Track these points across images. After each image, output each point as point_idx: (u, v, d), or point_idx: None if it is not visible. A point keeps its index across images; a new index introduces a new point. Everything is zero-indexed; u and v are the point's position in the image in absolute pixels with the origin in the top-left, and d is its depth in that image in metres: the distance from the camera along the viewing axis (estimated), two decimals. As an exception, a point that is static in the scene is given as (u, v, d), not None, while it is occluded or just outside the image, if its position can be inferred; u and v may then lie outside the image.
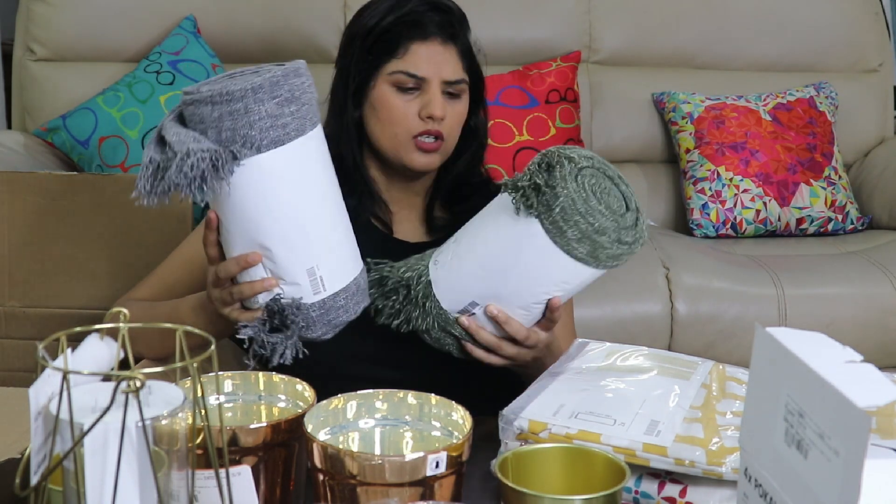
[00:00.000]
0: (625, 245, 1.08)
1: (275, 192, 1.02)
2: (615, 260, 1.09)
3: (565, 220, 1.05)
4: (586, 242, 1.06)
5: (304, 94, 1.04)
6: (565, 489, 0.86)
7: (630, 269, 2.09)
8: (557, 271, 1.09)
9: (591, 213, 1.05)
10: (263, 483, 0.88)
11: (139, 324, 0.69)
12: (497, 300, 1.13)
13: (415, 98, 1.31)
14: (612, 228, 1.06)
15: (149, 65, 2.25)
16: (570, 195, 1.05)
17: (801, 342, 0.63)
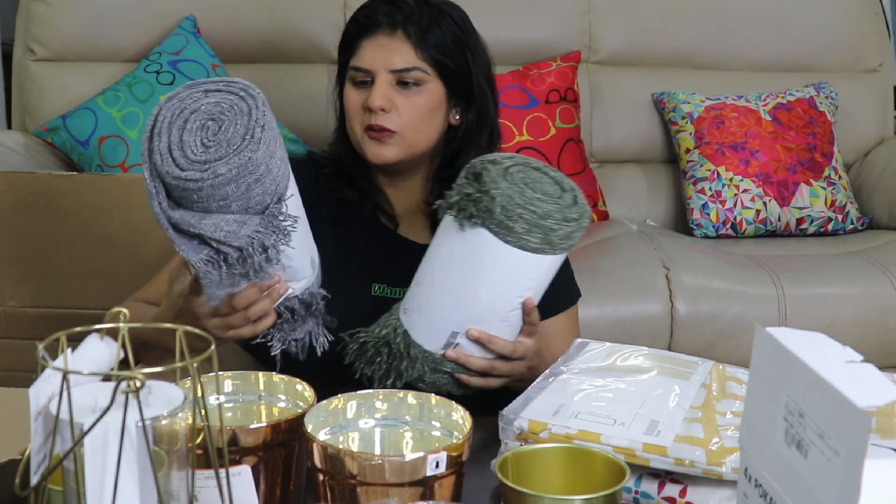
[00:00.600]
0: (573, 222, 1.09)
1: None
2: (568, 239, 1.10)
3: (509, 216, 1.06)
4: (536, 231, 1.07)
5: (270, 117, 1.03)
6: (565, 489, 0.86)
7: (630, 269, 2.10)
8: (520, 270, 1.10)
9: (531, 202, 1.07)
10: (263, 483, 0.88)
11: (139, 324, 0.69)
12: (475, 322, 1.13)
13: (367, 92, 1.33)
14: (556, 209, 1.08)
15: (149, 65, 2.25)
16: (505, 192, 1.07)
17: (801, 342, 0.63)
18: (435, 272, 1.13)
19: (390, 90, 1.32)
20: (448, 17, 1.37)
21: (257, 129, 0.98)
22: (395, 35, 1.32)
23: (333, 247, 1.37)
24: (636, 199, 2.56)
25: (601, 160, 2.59)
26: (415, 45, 1.33)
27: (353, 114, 1.34)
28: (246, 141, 0.98)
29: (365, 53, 1.33)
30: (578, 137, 2.44)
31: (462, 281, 1.11)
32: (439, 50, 1.34)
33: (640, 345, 1.19)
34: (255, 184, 0.99)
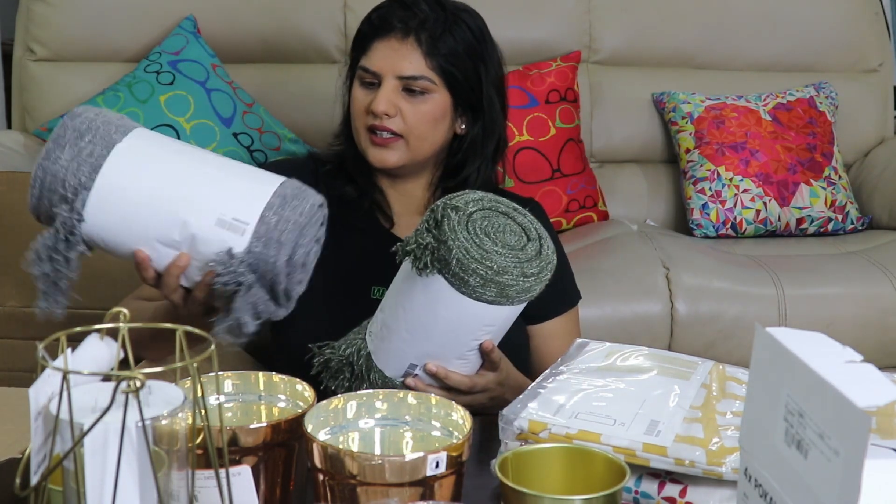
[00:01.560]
0: (530, 278, 1.07)
1: (129, 200, 0.99)
2: (527, 292, 1.08)
3: (464, 269, 1.05)
4: (491, 285, 1.05)
5: (93, 125, 1.00)
6: (565, 489, 0.86)
7: (630, 269, 2.10)
8: (476, 318, 1.09)
9: (488, 256, 1.05)
10: (263, 483, 0.88)
11: (139, 324, 0.69)
12: (432, 357, 1.13)
13: (374, 93, 1.33)
14: (513, 265, 1.06)
15: (149, 65, 2.25)
16: (462, 245, 1.05)
17: (801, 342, 0.63)
18: (396, 305, 1.12)
19: (396, 95, 1.31)
20: (463, 25, 1.36)
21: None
22: (407, 41, 1.32)
23: (333, 250, 1.37)
24: (636, 199, 2.56)
25: (601, 160, 2.59)
26: (425, 53, 1.32)
27: (358, 114, 1.35)
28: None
29: (375, 55, 1.33)
30: (578, 137, 2.44)
31: (419, 320, 1.11)
32: (449, 60, 1.33)
33: (640, 345, 1.19)
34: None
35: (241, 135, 2.19)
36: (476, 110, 1.38)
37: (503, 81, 1.42)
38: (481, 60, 1.37)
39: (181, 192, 0.99)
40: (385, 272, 1.35)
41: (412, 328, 1.11)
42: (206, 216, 0.99)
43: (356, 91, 1.36)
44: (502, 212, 1.12)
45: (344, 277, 1.35)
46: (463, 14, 1.38)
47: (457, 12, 1.37)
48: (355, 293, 1.34)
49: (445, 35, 1.34)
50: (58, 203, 1.00)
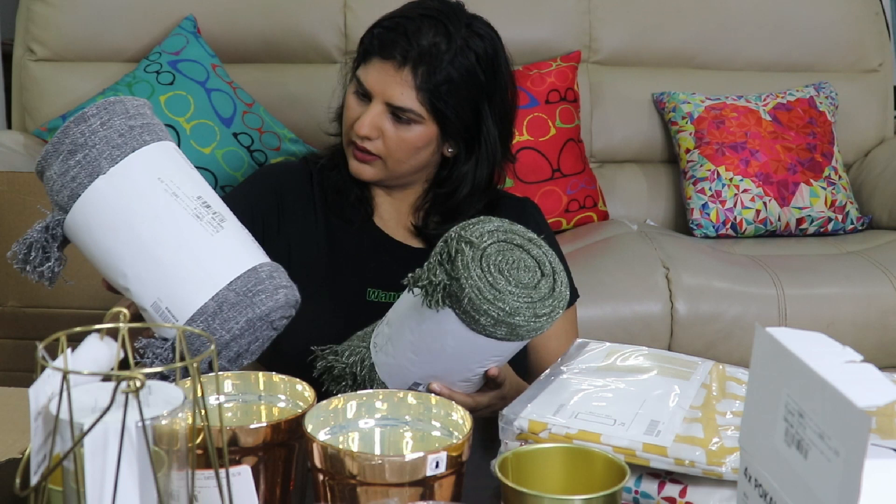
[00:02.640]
0: (542, 318, 1.06)
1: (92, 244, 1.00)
2: (538, 330, 1.07)
3: (475, 309, 1.04)
4: (502, 326, 1.05)
5: (89, 140, 0.98)
6: (565, 489, 0.86)
7: (630, 269, 2.10)
8: (484, 351, 1.09)
9: (501, 297, 1.04)
10: (263, 483, 0.88)
11: (139, 324, 0.69)
12: (437, 378, 1.13)
13: (363, 108, 1.32)
14: (526, 306, 1.05)
15: (149, 65, 2.25)
16: (475, 285, 1.04)
17: (801, 342, 0.63)
18: (403, 326, 1.12)
19: (381, 118, 1.31)
20: (471, 55, 1.32)
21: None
22: (402, 70, 1.30)
23: (328, 253, 1.38)
24: (636, 199, 2.56)
25: (601, 160, 2.59)
26: (418, 87, 1.30)
27: (348, 122, 1.35)
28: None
29: (371, 73, 1.32)
30: (578, 137, 2.44)
31: (425, 345, 1.10)
32: (442, 97, 1.31)
33: (640, 345, 1.19)
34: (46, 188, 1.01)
35: (241, 135, 2.19)
36: (470, 143, 1.36)
37: (511, 110, 1.39)
38: (485, 95, 1.34)
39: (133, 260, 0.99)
40: (382, 275, 1.35)
41: (418, 351, 1.11)
42: (145, 294, 0.99)
43: (350, 98, 1.35)
44: (517, 244, 1.10)
45: (341, 282, 1.35)
46: (474, 41, 1.33)
47: (468, 39, 1.32)
48: (352, 297, 1.34)
49: (446, 69, 1.30)
50: (52, 199, 1.02)
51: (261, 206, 1.37)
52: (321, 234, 1.38)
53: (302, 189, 1.40)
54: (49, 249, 1.02)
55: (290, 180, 1.41)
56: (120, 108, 1.01)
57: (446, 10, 1.34)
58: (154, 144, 1.01)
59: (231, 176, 2.13)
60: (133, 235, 0.98)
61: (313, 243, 1.38)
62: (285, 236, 1.37)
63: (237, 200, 1.37)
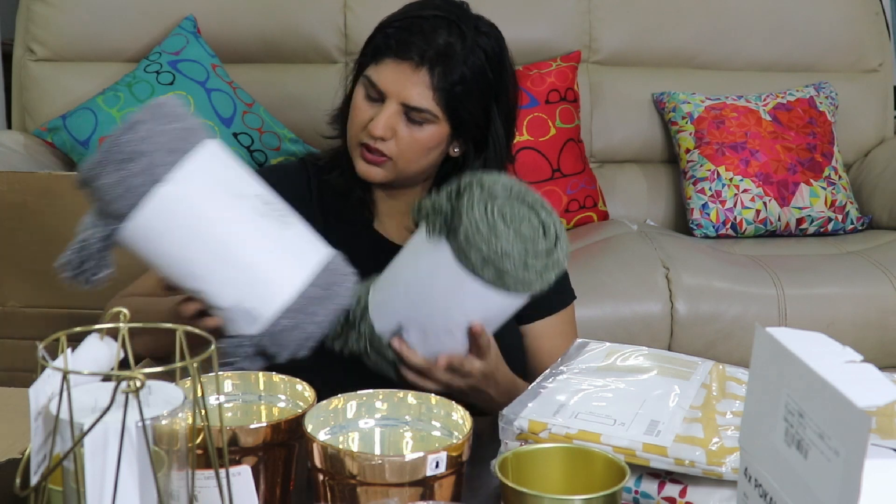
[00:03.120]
0: (531, 271, 1.06)
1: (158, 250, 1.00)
2: (525, 286, 1.07)
3: (469, 243, 1.04)
4: (491, 267, 1.05)
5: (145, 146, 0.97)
6: (565, 489, 0.86)
7: (630, 269, 2.10)
8: (470, 297, 1.09)
9: (495, 237, 1.04)
10: (263, 483, 0.88)
11: (139, 324, 0.69)
12: (421, 323, 1.12)
13: (375, 109, 1.30)
14: (518, 253, 1.05)
15: (149, 65, 2.26)
16: (474, 219, 1.05)
17: (801, 342, 0.63)
18: (402, 263, 1.13)
19: (395, 119, 1.29)
20: (481, 54, 1.31)
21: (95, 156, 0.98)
22: (420, 70, 1.28)
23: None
24: (636, 199, 2.56)
25: (601, 160, 2.59)
26: (434, 87, 1.28)
27: (357, 123, 1.32)
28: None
29: (385, 73, 1.29)
30: (578, 137, 2.44)
31: (418, 282, 1.11)
32: (458, 97, 1.30)
33: (640, 345, 1.19)
34: (91, 197, 0.99)
35: (241, 135, 2.19)
36: (478, 143, 1.36)
37: (515, 108, 1.38)
38: (494, 95, 1.33)
39: (207, 264, 1.00)
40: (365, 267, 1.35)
41: (409, 288, 1.11)
42: (223, 295, 1.01)
43: (358, 99, 1.32)
44: (528, 203, 1.11)
45: None
46: (482, 39, 1.32)
47: (477, 38, 1.31)
48: None
49: (460, 68, 1.29)
50: (103, 211, 0.99)
51: None
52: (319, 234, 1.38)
53: (300, 190, 1.40)
54: (105, 258, 1.00)
55: (288, 182, 1.41)
56: (166, 112, 0.99)
57: (456, 9, 1.34)
58: (207, 145, 1.01)
59: (231, 176, 2.13)
60: (204, 239, 0.99)
61: None
62: None
63: None
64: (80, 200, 1.52)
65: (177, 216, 0.98)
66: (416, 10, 1.34)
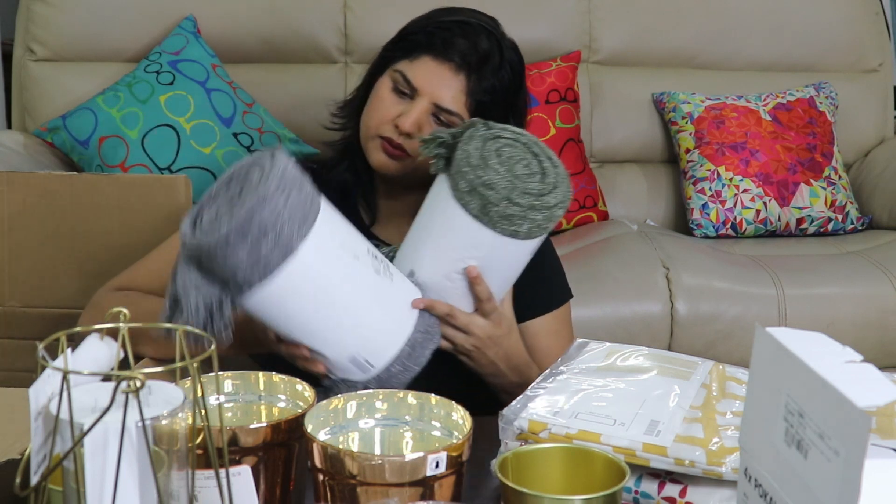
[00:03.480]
0: (515, 206, 1.07)
1: (280, 314, 1.02)
2: (508, 222, 1.08)
3: (459, 172, 1.08)
4: (476, 196, 1.07)
5: (278, 219, 0.97)
6: (565, 489, 0.86)
7: (630, 269, 2.10)
8: (461, 232, 1.10)
9: (483, 167, 1.07)
10: (263, 483, 0.88)
11: (139, 324, 0.69)
12: (426, 267, 1.14)
13: (403, 104, 1.30)
14: (503, 186, 1.07)
15: (149, 65, 2.26)
16: (467, 150, 1.08)
17: (801, 342, 0.63)
18: (418, 212, 1.17)
19: (425, 117, 1.29)
20: (508, 68, 1.32)
21: (223, 228, 0.96)
22: (459, 75, 1.28)
23: None
24: (636, 199, 2.56)
25: (601, 160, 2.59)
26: (468, 92, 1.29)
27: (380, 114, 1.31)
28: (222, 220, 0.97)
29: (422, 71, 1.29)
30: (578, 137, 2.44)
31: (422, 219, 1.15)
32: (485, 106, 1.30)
33: (640, 345, 1.19)
34: (215, 265, 0.97)
35: (241, 135, 2.19)
36: None
37: (525, 120, 1.39)
38: (511, 109, 1.34)
39: (332, 326, 1.05)
40: None
41: (419, 231, 1.15)
42: (342, 352, 1.06)
43: (385, 92, 1.31)
44: (533, 152, 1.12)
45: None
46: (509, 53, 1.33)
47: (504, 51, 1.32)
48: None
49: (493, 78, 1.30)
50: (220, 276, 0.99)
51: None
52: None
53: None
54: (228, 320, 1.01)
55: None
56: (290, 179, 0.99)
57: (492, 21, 1.35)
58: (324, 208, 1.03)
59: (231, 176, 2.13)
60: (327, 304, 1.03)
61: None
62: None
63: None
64: (78, 200, 1.53)
65: (305, 284, 1.00)
66: (453, 15, 1.34)
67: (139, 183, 1.54)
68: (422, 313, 1.11)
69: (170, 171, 2.10)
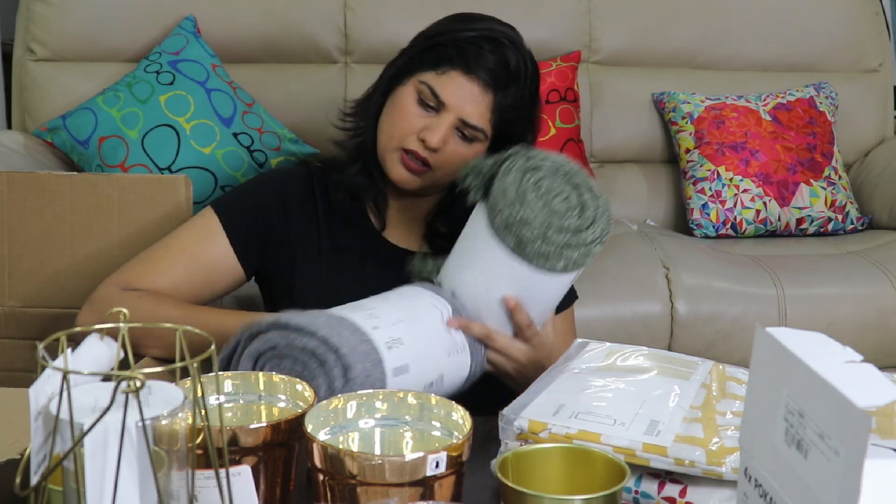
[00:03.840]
0: (551, 245, 1.06)
1: None
2: (544, 259, 1.07)
3: (496, 205, 1.07)
4: (511, 232, 1.06)
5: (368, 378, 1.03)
6: (565, 489, 0.86)
7: (630, 269, 2.10)
8: (497, 263, 1.10)
9: (520, 203, 1.06)
10: (263, 483, 0.88)
11: (139, 324, 0.69)
12: (466, 293, 1.14)
13: (427, 117, 1.28)
14: (539, 223, 1.05)
15: (149, 65, 2.25)
16: (505, 183, 1.07)
17: (801, 342, 0.63)
18: (461, 235, 1.17)
19: (450, 132, 1.28)
20: (528, 82, 1.32)
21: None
22: (487, 91, 1.27)
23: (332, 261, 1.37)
24: (636, 199, 2.56)
25: (601, 160, 2.59)
26: (494, 110, 1.28)
27: (404, 126, 1.29)
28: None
29: (450, 85, 1.27)
30: (578, 137, 2.44)
31: (462, 245, 1.15)
32: (508, 122, 1.30)
33: (640, 345, 1.19)
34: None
35: (241, 135, 2.19)
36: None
37: (537, 130, 1.39)
38: (527, 117, 1.34)
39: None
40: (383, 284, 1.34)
41: (461, 255, 1.15)
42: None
43: (410, 104, 1.29)
44: (574, 183, 1.10)
45: (342, 285, 1.35)
46: (532, 67, 1.32)
47: (527, 63, 1.31)
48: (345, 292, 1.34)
49: (515, 94, 1.29)
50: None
51: (265, 210, 1.36)
52: (325, 240, 1.37)
53: (304, 194, 1.40)
54: None
55: (292, 185, 1.40)
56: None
57: (514, 34, 1.33)
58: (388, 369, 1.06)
59: (231, 176, 2.13)
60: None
61: (316, 250, 1.37)
62: (289, 243, 1.36)
63: (242, 204, 1.37)
64: (78, 200, 1.53)
65: None
66: (476, 23, 1.32)
67: (139, 183, 1.54)
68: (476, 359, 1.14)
69: (170, 171, 2.09)
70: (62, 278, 1.54)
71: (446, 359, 1.10)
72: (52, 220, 1.53)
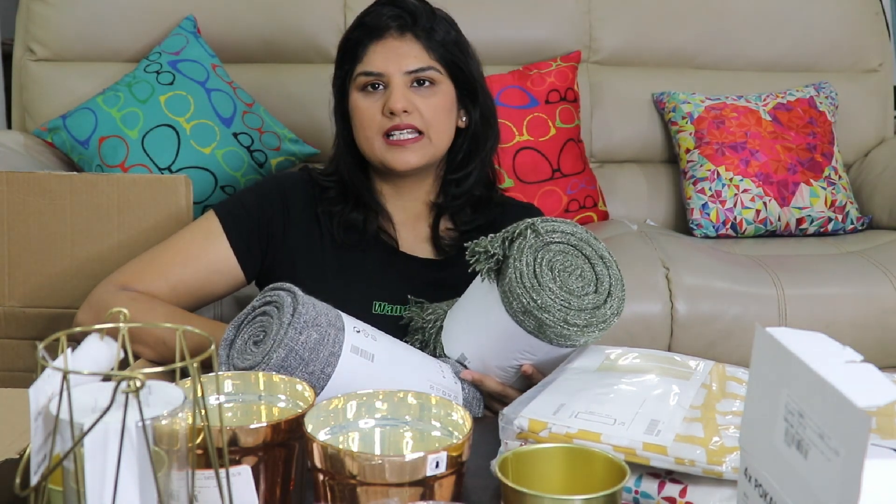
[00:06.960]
0: (573, 327, 1.06)
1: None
2: (565, 339, 1.07)
3: (511, 292, 1.06)
4: (531, 318, 1.06)
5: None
6: (565, 489, 0.86)
7: (630, 269, 2.09)
8: (515, 340, 1.10)
9: (537, 289, 1.05)
10: (263, 483, 0.88)
11: (139, 323, 0.69)
12: (478, 358, 1.15)
13: (380, 97, 1.31)
14: (558, 308, 1.05)
15: (149, 65, 2.25)
16: (519, 269, 1.06)
17: (801, 342, 0.63)
18: (467, 296, 1.17)
19: (408, 92, 1.31)
20: (444, 20, 1.38)
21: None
22: (405, 38, 1.32)
23: (335, 266, 1.37)
24: (636, 199, 2.56)
25: (601, 160, 2.59)
26: (425, 47, 1.33)
27: (369, 121, 1.32)
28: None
29: (376, 58, 1.32)
30: (578, 137, 2.43)
31: (475, 316, 1.14)
32: (448, 49, 1.34)
33: (640, 345, 1.19)
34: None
35: (241, 135, 2.19)
36: (473, 101, 1.38)
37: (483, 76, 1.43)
38: (467, 52, 1.39)
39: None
40: (388, 288, 1.35)
41: (469, 322, 1.15)
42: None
43: (359, 100, 1.33)
44: (585, 254, 1.11)
45: (347, 296, 1.35)
46: (438, 10, 1.39)
47: (433, 8, 1.38)
48: (358, 311, 1.34)
49: (437, 28, 1.35)
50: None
51: (267, 214, 1.37)
52: (327, 246, 1.38)
53: (306, 199, 1.40)
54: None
55: (294, 190, 1.41)
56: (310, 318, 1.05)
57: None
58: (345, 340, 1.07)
59: (231, 176, 2.13)
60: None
61: (318, 255, 1.37)
62: (290, 247, 1.36)
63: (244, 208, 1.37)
64: (78, 200, 1.53)
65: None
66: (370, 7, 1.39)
67: (139, 183, 1.54)
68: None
69: (170, 171, 2.09)
70: (62, 278, 1.54)
71: (424, 386, 1.11)
72: (52, 220, 1.53)
